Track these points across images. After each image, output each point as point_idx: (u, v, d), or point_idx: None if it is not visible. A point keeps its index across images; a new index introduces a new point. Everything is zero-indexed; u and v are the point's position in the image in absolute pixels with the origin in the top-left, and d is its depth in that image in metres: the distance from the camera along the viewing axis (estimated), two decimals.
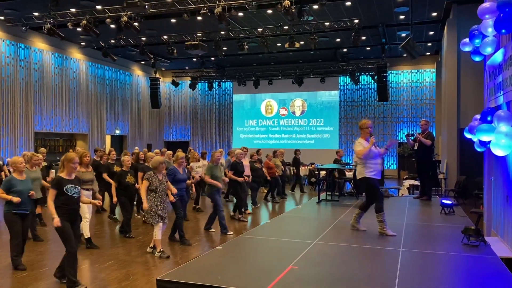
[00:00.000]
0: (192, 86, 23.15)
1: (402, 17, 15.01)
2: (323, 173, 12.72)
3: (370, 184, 6.43)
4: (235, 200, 9.79)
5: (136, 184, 7.78)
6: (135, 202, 8.72)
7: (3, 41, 15.92)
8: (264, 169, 11.50)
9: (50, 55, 18.00)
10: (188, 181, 7.89)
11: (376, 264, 4.96)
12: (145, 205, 6.12)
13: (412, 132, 10.97)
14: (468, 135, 6.72)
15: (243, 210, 9.34)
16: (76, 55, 19.38)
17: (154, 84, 21.53)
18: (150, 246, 6.49)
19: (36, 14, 14.34)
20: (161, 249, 6.17)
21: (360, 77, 22.13)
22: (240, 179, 9.11)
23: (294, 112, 23.85)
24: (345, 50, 19.77)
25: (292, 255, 5.14)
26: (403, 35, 16.90)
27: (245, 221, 8.97)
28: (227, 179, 8.67)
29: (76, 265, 4.93)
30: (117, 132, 22.05)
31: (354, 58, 21.33)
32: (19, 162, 5.81)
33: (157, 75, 22.54)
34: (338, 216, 7.82)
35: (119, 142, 22.67)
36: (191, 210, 10.21)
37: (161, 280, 4.29)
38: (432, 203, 9.50)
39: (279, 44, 18.05)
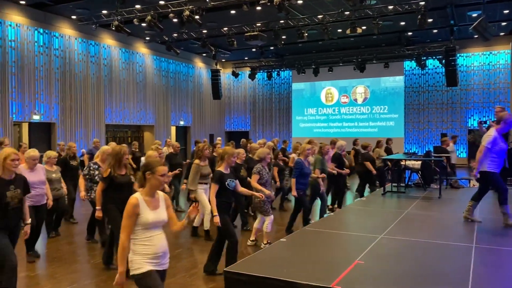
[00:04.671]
0: (252, 76, 23.30)
1: None
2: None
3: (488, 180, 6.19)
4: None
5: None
6: None
7: (76, 39, 16.92)
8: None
9: (117, 51, 18.89)
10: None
11: (447, 260, 4.74)
12: (262, 194, 5.92)
13: (485, 120, 10.30)
14: None
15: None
16: (142, 49, 20.18)
17: (215, 76, 21.95)
18: (251, 239, 6.49)
19: (104, 12, 15.08)
20: (268, 241, 6.18)
21: (427, 61, 21.10)
22: (344, 171, 8.81)
23: (356, 100, 23.28)
24: (410, 33, 18.89)
25: (358, 249, 5.05)
26: (474, 15, 15.81)
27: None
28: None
29: (237, 255, 5.03)
30: (181, 123, 22.79)
31: (420, 42, 20.35)
32: (154, 156, 5.92)
33: (218, 67, 22.92)
34: (405, 208, 7.56)
35: (183, 133, 23.43)
36: None
37: (228, 271, 4.39)
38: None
39: (339, 30, 17.62)
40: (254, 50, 21.84)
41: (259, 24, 16.22)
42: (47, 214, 6.49)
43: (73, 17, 16.23)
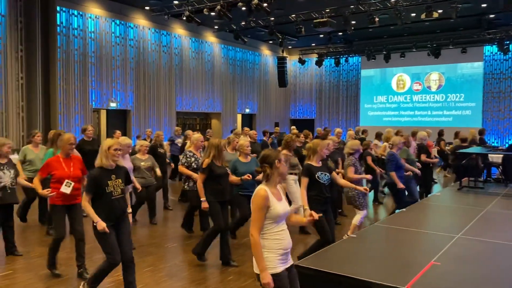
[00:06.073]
0: (319, 63, 22.89)
1: None
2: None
3: None
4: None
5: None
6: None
7: (149, 29, 17.59)
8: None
9: (188, 40, 19.40)
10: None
11: None
12: (361, 188, 5.88)
13: None
14: None
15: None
16: (210, 38, 20.56)
17: (281, 63, 21.85)
18: (348, 234, 6.35)
19: (176, 2, 15.49)
20: (352, 234, 6.19)
21: (510, 45, 19.48)
22: (430, 160, 8.47)
23: (429, 87, 22.11)
24: (491, 16, 17.52)
25: (433, 249, 4.80)
26: None
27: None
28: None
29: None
30: (247, 110, 23.03)
31: (503, 25, 18.78)
32: (246, 145, 6.13)
33: (284, 54, 22.78)
34: (485, 206, 7.07)
35: (248, 121, 23.69)
36: None
37: (297, 265, 4.37)
38: None
39: (413, 14, 16.74)
40: (321, 36, 21.39)
41: (328, 10, 15.82)
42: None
43: (147, 8, 16.86)
